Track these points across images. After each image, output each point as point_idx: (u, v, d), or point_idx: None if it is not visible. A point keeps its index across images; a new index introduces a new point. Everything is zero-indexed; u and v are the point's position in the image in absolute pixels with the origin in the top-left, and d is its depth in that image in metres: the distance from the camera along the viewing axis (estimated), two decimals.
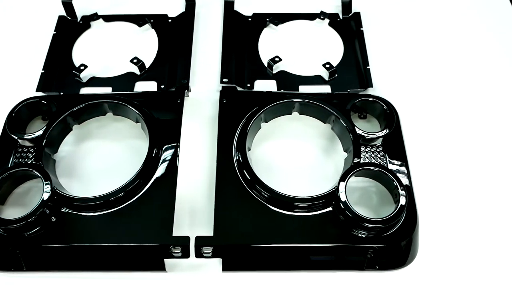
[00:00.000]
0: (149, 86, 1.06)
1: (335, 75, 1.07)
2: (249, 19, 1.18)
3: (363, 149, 0.93)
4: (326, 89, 1.05)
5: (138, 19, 1.17)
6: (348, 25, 1.17)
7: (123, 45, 1.14)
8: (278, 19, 1.17)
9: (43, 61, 1.09)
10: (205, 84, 1.07)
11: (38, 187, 0.90)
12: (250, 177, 0.89)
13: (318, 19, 1.18)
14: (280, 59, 1.08)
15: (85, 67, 1.07)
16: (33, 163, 0.91)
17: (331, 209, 0.86)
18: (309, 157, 0.97)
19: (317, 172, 0.95)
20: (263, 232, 0.84)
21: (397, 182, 0.85)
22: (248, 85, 1.05)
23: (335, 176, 0.91)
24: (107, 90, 1.05)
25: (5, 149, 0.93)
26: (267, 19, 1.17)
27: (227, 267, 0.84)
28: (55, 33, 1.14)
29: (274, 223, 0.85)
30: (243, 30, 1.16)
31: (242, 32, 1.15)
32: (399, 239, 0.84)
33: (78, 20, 1.18)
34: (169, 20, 1.17)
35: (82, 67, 1.07)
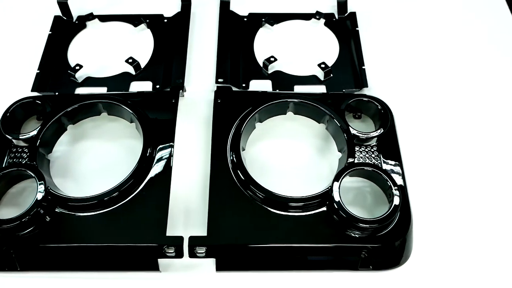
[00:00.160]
0: (145, 86, 1.05)
1: (331, 75, 1.07)
2: (245, 19, 1.18)
3: (358, 149, 0.93)
4: (321, 89, 1.05)
5: (133, 19, 1.17)
6: (343, 25, 1.17)
7: (119, 45, 1.14)
8: (273, 19, 1.17)
9: (39, 61, 1.08)
10: (200, 84, 1.07)
11: (32, 187, 0.90)
12: (244, 177, 0.89)
13: (313, 19, 1.18)
14: (275, 59, 1.08)
15: (81, 67, 1.07)
16: (27, 163, 0.91)
17: (325, 209, 0.86)
18: (303, 157, 0.97)
19: (312, 172, 0.95)
20: (257, 232, 0.84)
21: (391, 182, 0.85)
22: (243, 85, 1.05)
23: (330, 176, 0.91)
24: (103, 90, 1.05)
25: (0, 149, 0.93)
26: (263, 19, 1.17)
27: (221, 267, 0.84)
28: (51, 33, 1.14)
29: (268, 223, 0.85)
30: (239, 30, 1.16)
31: (237, 32, 1.15)
32: (393, 239, 0.84)
33: (73, 20, 1.18)
34: (165, 20, 1.17)
35: (77, 67, 1.07)
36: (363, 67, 1.06)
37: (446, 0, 1.23)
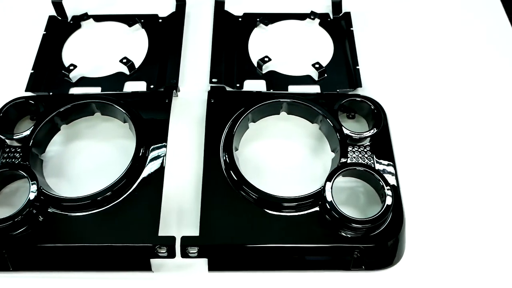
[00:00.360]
0: (139, 86, 1.05)
1: (325, 75, 1.06)
2: (240, 19, 1.18)
3: (351, 149, 0.93)
4: (315, 89, 1.05)
5: (128, 19, 1.17)
6: (338, 25, 1.17)
7: (113, 45, 1.14)
8: (268, 19, 1.17)
9: (33, 61, 1.08)
10: (194, 84, 1.07)
11: (25, 187, 0.90)
12: (236, 177, 0.88)
13: (308, 19, 1.18)
14: (269, 59, 1.08)
15: (75, 67, 1.07)
16: (20, 163, 0.90)
17: (318, 209, 0.86)
18: (297, 157, 0.97)
19: (305, 172, 0.95)
20: (249, 232, 0.84)
21: (383, 182, 0.85)
22: (237, 85, 1.05)
23: (323, 176, 0.90)
24: (97, 90, 1.05)
25: None
26: (258, 19, 1.17)
27: (213, 267, 0.84)
28: (45, 33, 1.14)
29: (260, 223, 0.85)
30: (233, 30, 1.15)
31: (232, 32, 1.15)
32: (385, 239, 0.84)
33: (68, 20, 1.18)
34: (159, 20, 1.17)
35: (71, 67, 1.07)
36: (357, 67, 1.06)
37: (440, 0, 1.23)
